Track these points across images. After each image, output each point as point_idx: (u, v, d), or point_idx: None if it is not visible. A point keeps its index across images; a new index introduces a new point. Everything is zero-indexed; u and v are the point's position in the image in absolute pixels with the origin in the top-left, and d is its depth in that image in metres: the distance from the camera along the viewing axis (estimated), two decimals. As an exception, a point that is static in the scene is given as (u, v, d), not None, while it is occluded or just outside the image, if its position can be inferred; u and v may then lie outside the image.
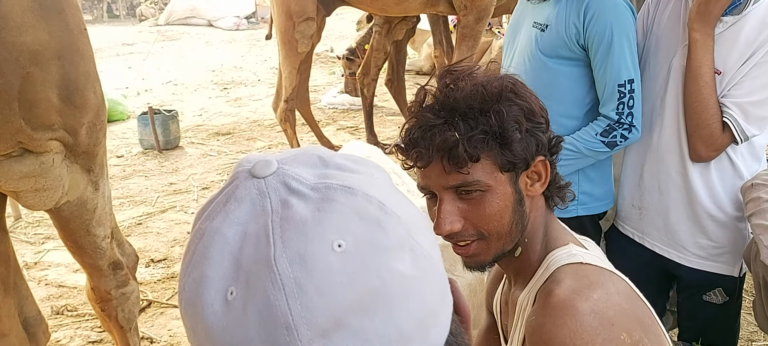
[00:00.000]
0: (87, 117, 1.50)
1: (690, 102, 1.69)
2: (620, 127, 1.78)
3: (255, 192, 0.50)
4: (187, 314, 0.50)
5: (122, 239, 1.94)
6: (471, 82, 1.05)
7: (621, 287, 1.04)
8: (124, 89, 7.72)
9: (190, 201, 4.50)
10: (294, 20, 4.37)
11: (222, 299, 0.47)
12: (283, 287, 0.45)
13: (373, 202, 0.50)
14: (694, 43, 1.65)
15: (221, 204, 0.51)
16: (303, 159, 0.53)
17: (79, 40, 1.45)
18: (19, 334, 1.63)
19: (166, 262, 3.63)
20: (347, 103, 6.95)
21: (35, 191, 1.47)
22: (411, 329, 0.48)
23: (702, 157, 1.72)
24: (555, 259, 1.09)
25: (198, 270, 0.49)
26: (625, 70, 1.75)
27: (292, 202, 0.48)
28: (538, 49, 1.86)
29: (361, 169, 0.54)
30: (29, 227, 4.06)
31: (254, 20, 15.42)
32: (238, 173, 0.52)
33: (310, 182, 0.50)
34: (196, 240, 0.50)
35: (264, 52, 10.85)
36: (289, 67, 4.54)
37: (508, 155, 1.04)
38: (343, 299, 0.45)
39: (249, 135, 6.10)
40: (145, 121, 5.54)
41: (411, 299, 0.48)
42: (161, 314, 3.11)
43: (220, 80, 8.76)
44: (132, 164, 5.30)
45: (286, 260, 0.46)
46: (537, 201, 1.13)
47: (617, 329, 0.94)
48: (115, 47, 11.93)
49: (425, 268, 0.51)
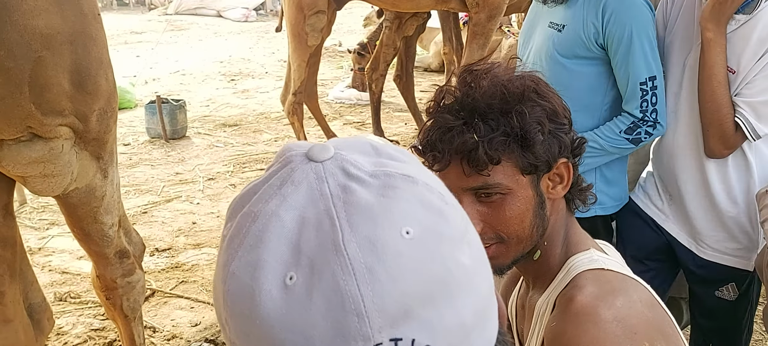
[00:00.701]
0: (98, 103, 1.48)
1: (704, 101, 1.70)
2: (644, 124, 1.78)
3: (313, 176, 0.48)
4: (236, 301, 0.47)
5: (129, 228, 1.93)
6: (492, 81, 1.02)
7: (643, 294, 1.01)
8: (132, 77, 7.71)
9: (196, 191, 4.50)
10: (305, 13, 4.36)
11: (280, 285, 0.45)
12: (353, 272, 0.44)
13: (434, 191, 0.50)
14: (707, 42, 1.65)
15: (275, 187, 0.49)
16: (357, 146, 0.52)
17: (92, 26, 1.44)
18: (23, 320, 1.62)
19: (171, 251, 3.63)
20: (354, 98, 6.93)
21: (43, 177, 1.45)
22: (472, 321, 0.48)
23: (715, 154, 1.74)
24: (576, 264, 1.06)
25: (253, 254, 0.46)
26: (647, 67, 1.76)
27: (353, 187, 0.47)
28: (555, 50, 1.86)
29: (411, 159, 0.53)
30: (34, 212, 4.06)
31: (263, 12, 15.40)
32: (292, 157, 0.50)
33: (368, 169, 0.49)
34: (248, 223, 0.48)
35: (272, 45, 10.84)
36: (298, 60, 4.53)
37: (530, 158, 1.01)
38: (413, 286, 0.45)
39: (256, 127, 6.09)
40: (152, 110, 5.53)
41: (472, 291, 0.48)
42: (165, 303, 3.11)
43: (228, 71, 8.75)
44: (138, 153, 5.30)
45: (356, 245, 0.45)
46: (558, 204, 1.10)
47: (640, 338, 0.92)
48: (124, 35, 11.93)
49: (480, 260, 0.51)
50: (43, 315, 1.74)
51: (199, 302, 3.11)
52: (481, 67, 1.06)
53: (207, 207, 4.23)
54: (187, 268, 3.45)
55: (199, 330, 2.88)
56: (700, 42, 1.70)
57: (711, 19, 1.64)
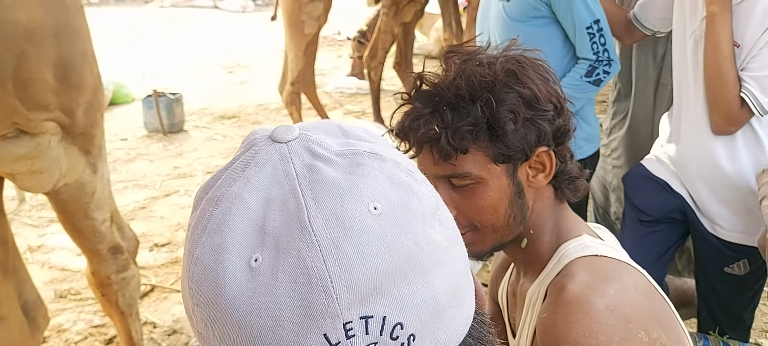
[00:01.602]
0: (84, 97, 1.46)
1: (709, 76, 1.68)
2: (600, 64, 1.95)
3: (277, 157, 0.47)
4: (200, 287, 0.45)
5: (122, 223, 1.90)
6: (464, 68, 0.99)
7: (638, 281, 0.98)
8: (129, 72, 7.67)
9: (195, 185, 4.47)
10: (301, 1, 4.32)
11: (245, 267, 0.44)
12: (319, 248, 0.42)
13: (403, 168, 0.49)
14: (712, 16, 1.63)
15: (239, 170, 0.48)
16: (324, 127, 0.51)
17: (75, 18, 1.41)
18: (18, 318, 1.61)
19: (170, 246, 3.61)
20: (355, 87, 6.88)
21: (32, 173, 1.43)
22: (446, 299, 0.46)
23: (721, 130, 1.72)
24: (567, 251, 1.02)
25: (216, 238, 0.45)
26: (589, 13, 1.94)
27: (319, 166, 0.46)
28: (507, 17, 2.04)
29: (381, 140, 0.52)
30: (33, 210, 4.04)
31: (260, 2, 15.33)
32: (256, 140, 0.49)
33: (335, 149, 0.48)
34: (211, 207, 0.47)
35: (270, 36, 10.79)
36: (295, 49, 4.49)
37: (501, 147, 0.97)
38: (382, 262, 0.43)
39: (254, 119, 6.05)
40: (149, 104, 5.51)
41: (445, 268, 0.47)
42: (164, 298, 3.09)
43: (226, 63, 8.71)
44: (136, 148, 5.27)
45: (322, 221, 0.43)
46: (543, 192, 1.06)
47: (634, 326, 0.88)
48: (121, 29, 11.89)
49: (453, 239, 0.50)
50: (38, 312, 1.72)
51: (199, 296, 3.10)
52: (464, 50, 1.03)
53: (206, 200, 4.21)
54: (187, 262, 3.43)
55: (200, 325, 2.87)
56: (704, 16, 1.68)
57: None
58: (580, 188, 1.10)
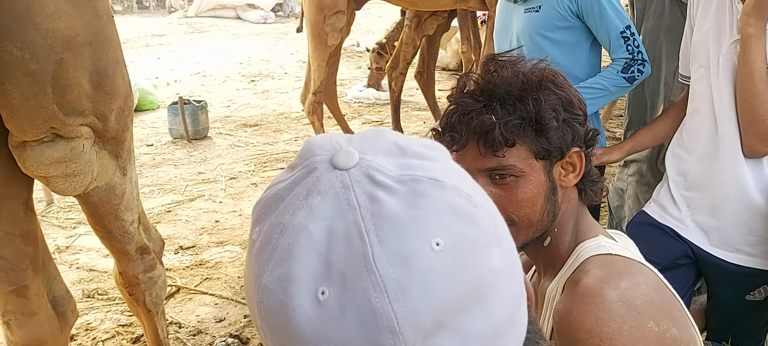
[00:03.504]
0: (116, 103, 1.53)
1: (744, 97, 1.66)
2: (635, 63, 2.08)
3: (339, 185, 0.48)
4: (271, 314, 0.47)
5: (149, 225, 1.97)
6: (512, 70, 1.06)
7: (650, 278, 1.03)
8: (154, 79, 7.82)
9: (218, 190, 4.56)
10: (325, 13, 4.40)
11: (312, 299, 0.45)
12: (385, 289, 0.44)
13: (463, 195, 0.49)
14: (748, 37, 1.62)
15: (301, 197, 0.49)
16: (381, 147, 0.51)
17: (107, 27, 1.48)
18: (48, 312, 1.68)
19: (195, 249, 3.68)
20: (373, 98, 6.96)
21: (65, 177, 1.50)
22: (504, 323, 0.48)
23: (757, 153, 1.70)
24: (584, 250, 1.08)
25: (283, 268, 0.47)
26: (620, 20, 2.08)
27: (380, 196, 0.47)
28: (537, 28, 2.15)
29: (436, 154, 0.52)
30: (61, 211, 4.14)
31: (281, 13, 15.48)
32: (316, 163, 0.50)
33: (395, 174, 0.48)
34: (276, 235, 0.48)
35: (291, 46, 10.90)
36: (318, 59, 4.56)
37: (544, 143, 1.04)
38: (445, 299, 0.45)
39: (276, 127, 6.14)
40: (175, 111, 5.61)
41: (503, 292, 0.49)
42: (189, 300, 3.16)
43: (248, 72, 8.83)
44: (161, 153, 5.38)
45: (386, 260, 0.45)
46: (570, 192, 1.13)
47: (644, 317, 0.94)
48: (145, 38, 12.07)
49: (510, 259, 0.51)
50: (67, 307, 1.79)
51: (223, 298, 3.16)
52: (505, 57, 1.10)
53: (229, 206, 4.29)
54: (211, 265, 3.50)
55: (224, 326, 2.93)
56: (734, 39, 1.68)
57: (753, 14, 1.61)
58: (600, 191, 1.17)
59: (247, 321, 2.94)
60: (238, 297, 3.15)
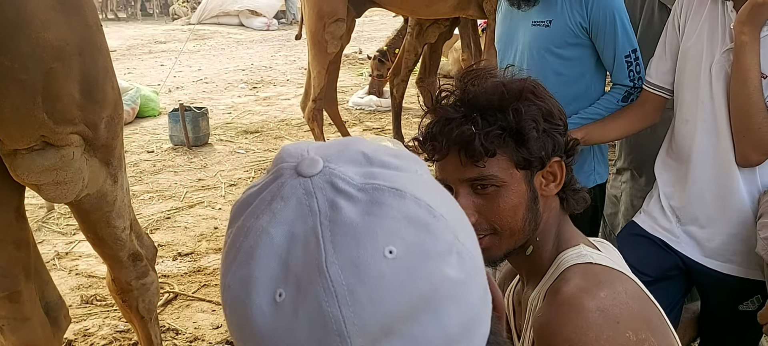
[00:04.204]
0: (106, 111, 1.54)
1: (738, 106, 1.66)
2: (635, 91, 2.04)
3: (301, 191, 0.49)
4: (233, 312, 0.50)
5: (141, 231, 1.98)
6: (492, 81, 1.07)
7: (629, 287, 1.04)
8: (156, 86, 7.85)
9: (218, 197, 4.57)
10: (325, 21, 4.41)
11: (270, 300, 0.47)
12: (335, 294, 0.45)
13: (422, 205, 0.50)
14: (742, 46, 1.62)
15: (266, 202, 0.50)
16: (348, 156, 0.52)
17: (96, 36, 1.50)
18: (40, 318, 1.69)
19: (193, 256, 3.70)
20: (374, 105, 6.97)
21: (56, 184, 1.52)
22: (458, 332, 0.49)
23: (751, 161, 1.69)
24: (565, 259, 1.09)
25: (245, 269, 0.49)
26: (628, 42, 2.03)
27: (340, 203, 0.48)
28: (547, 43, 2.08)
29: (406, 165, 0.53)
30: (61, 218, 4.16)
31: (284, 21, 15.54)
32: (283, 170, 0.51)
33: (357, 182, 0.49)
34: (241, 238, 0.50)
35: (293, 53, 10.94)
36: (318, 67, 4.57)
37: (524, 153, 1.05)
38: (394, 306, 0.46)
39: (277, 134, 6.16)
40: (175, 117, 5.63)
41: (459, 302, 0.49)
42: (187, 306, 3.17)
43: (250, 79, 8.86)
44: (162, 159, 5.40)
45: (338, 267, 0.46)
46: (551, 202, 1.14)
47: (622, 327, 0.95)
48: (148, 45, 12.14)
49: (470, 270, 0.51)
50: (60, 312, 1.81)
51: (220, 304, 3.16)
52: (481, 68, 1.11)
53: (228, 212, 4.27)
54: (209, 272, 3.51)
55: (221, 332, 2.94)
56: (727, 48, 1.68)
57: (747, 23, 1.60)
58: (582, 200, 1.18)
59: (244, 328, 2.95)
60: (235, 304, 3.16)
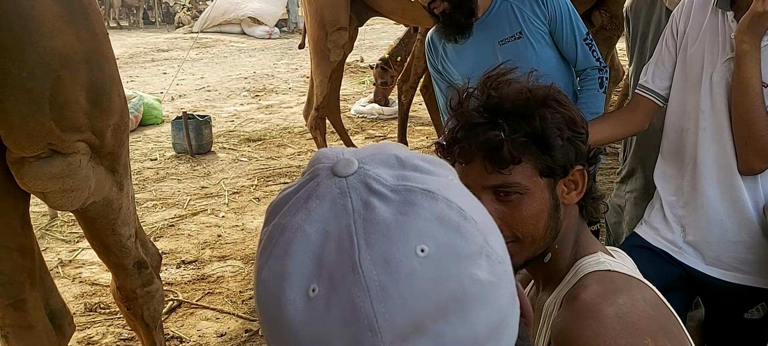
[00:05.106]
0: (112, 119, 1.55)
1: (740, 114, 1.66)
2: (603, 72, 2.13)
3: (336, 191, 0.51)
4: (266, 306, 0.51)
5: (146, 239, 1.99)
6: (516, 86, 1.07)
7: (647, 294, 1.03)
8: (159, 94, 7.87)
9: (221, 205, 4.57)
10: (327, 30, 4.42)
11: (303, 295, 0.48)
12: (368, 289, 0.47)
13: (453, 207, 0.51)
14: (743, 54, 1.63)
15: (302, 200, 0.52)
16: (381, 158, 0.53)
17: (103, 45, 1.51)
18: (45, 325, 1.69)
19: (197, 263, 3.70)
20: (376, 113, 6.97)
21: (63, 192, 1.52)
22: (486, 334, 0.50)
23: (754, 169, 1.70)
24: (583, 266, 1.09)
25: (279, 265, 0.50)
26: (583, 27, 2.14)
27: (374, 203, 0.49)
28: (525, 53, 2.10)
29: (437, 170, 0.54)
30: (65, 225, 4.17)
31: (286, 29, 15.59)
32: (319, 170, 0.53)
33: (390, 184, 0.51)
34: (277, 234, 0.52)
35: (295, 61, 10.97)
36: (320, 75, 4.59)
37: (548, 160, 1.05)
38: (424, 304, 0.47)
39: (279, 142, 6.17)
40: (179, 125, 5.65)
41: (487, 305, 0.50)
42: (191, 314, 3.17)
43: (252, 87, 8.88)
44: (165, 167, 5.41)
45: (371, 263, 0.47)
46: (571, 210, 1.13)
47: (641, 333, 0.94)
48: (151, 53, 12.18)
49: (499, 273, 0.52)
50: (64, 320, 1.81)
51: (224, 312, 3.16)
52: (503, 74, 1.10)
53: (232, 220, 4.30)
54: (212, 279, 3.51)
55: (225, 341, 2.93)
56: (727, 57, 1.68)
57: (748, 32, 1.61)
58: (600, 210, 1.18)
59: (248, 336, 2.95)
60: (239, 312, 3.16)
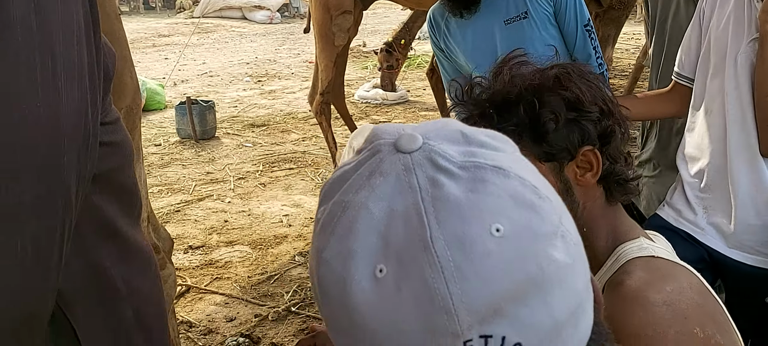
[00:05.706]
0: (125, 102, 1.52)
1: (762, 95, 1.64)
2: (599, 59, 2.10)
3: (401, 167, 0.48)
4: (329, 289, 0.48)
5: (157, 224, 1.96)
6: (514, 74, 1.04)
7: (693, 281, 1.00)
8: (162, 79, 7.84)
9: (226, 190, 4.56)
10: (331, 13, 4.39)
11: (370, 276, 0.46)
12: (442, 270, 0.44)
13: (527, 185, 0.49)
14: (766, 34, 1.60)
15: (364, 177, 0.49)
16: (446, 134, 0.51)
17: (115, 26, 1.48)
18: None
19: (204, 248, 3.69)
20: (380, 98, 6.93)
21: (76, 175, 1.49)
22: (564, 317, 0.47)
23: None
24: (625, 251, 1.06)
25: (343, 244, 0.47)
26: (585, 12, 2.09)
27: (442, 180, 0.47)
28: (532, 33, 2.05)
29: (503, 146, 0.52)
30: (70, 213, 4.15)
31: (287, 14, 15.51)
32: (380, 146, 0.51)
33: (458, 160, 0.48)
34: (339, 212, 0.49)
35: (297, 46, 10.92)
36: (325, 60, 4.56)
37: (544, 146, 1.03)
38: (502, 286, 0.44)
39: (283, 127, 6.15)
40: (182, 111, 5.62)
41: (565, 287, 0.47)
42: (200, 299, 3.16)
43: (255, 73, 8.85)
44: (170, 153, 5.39)
45: (444, 242, 0.45)
46: (592, 191, 1.09)
47: (690, 322, 0.91)
48: (152, 38, 12.12)
49: (575, 255, 0.49)
50: None
51: (233, 297, 3.15)
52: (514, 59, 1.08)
53: (238, 205, 4.29)
54: (220, 264, 3.50)
55: (235, 325, 2.92)
56: (753, 38, 1.66)
57: None
58: (630, 191, 1.13)
59: (258, 320, 2.94)
60: (248, 296, 3.15)
